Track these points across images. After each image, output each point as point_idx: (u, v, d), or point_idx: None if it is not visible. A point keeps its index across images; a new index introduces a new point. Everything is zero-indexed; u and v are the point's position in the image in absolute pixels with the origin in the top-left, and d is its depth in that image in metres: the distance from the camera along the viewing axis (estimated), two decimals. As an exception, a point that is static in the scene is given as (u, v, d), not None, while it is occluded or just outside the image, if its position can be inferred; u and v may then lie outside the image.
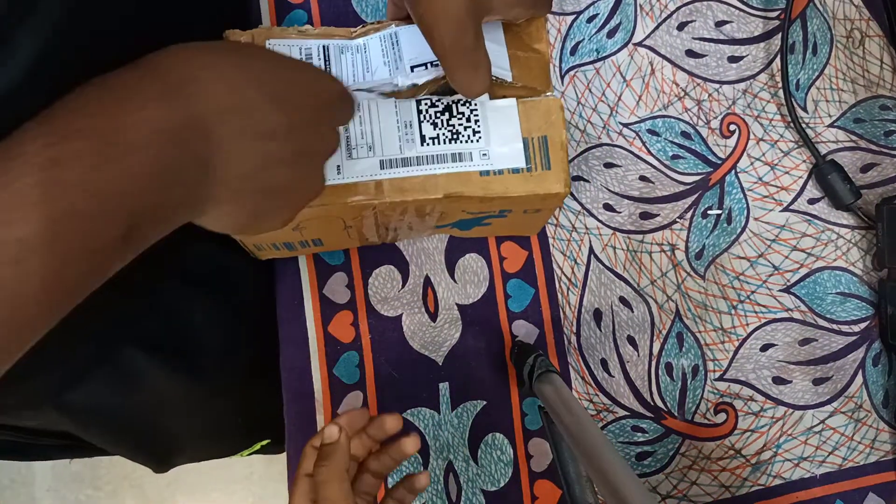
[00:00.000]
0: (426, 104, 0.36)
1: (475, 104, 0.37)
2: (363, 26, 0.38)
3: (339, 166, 0.35)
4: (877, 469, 0.47)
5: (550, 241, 0.48)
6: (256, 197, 0.27)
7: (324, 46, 0.38)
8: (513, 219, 0.42)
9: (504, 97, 0.37)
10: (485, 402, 0.46)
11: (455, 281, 0.47)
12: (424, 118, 0.36)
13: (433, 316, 0.46)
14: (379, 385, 0.45)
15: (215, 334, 0.48)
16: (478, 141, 0.36)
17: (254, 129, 0.25)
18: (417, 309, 0.46)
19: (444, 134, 0.36)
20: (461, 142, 0.36)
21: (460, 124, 0.36)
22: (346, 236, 0.42)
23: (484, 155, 0.37)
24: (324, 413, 0.44)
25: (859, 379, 0.48)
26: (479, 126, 0.37)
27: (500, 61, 0.37)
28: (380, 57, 0.38)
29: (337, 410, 0.45)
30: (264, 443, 0.63)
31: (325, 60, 0.37)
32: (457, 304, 0.46)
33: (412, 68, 0.36)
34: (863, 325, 0.49)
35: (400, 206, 0.37)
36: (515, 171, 0.37)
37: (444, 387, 0.46)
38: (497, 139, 0.37)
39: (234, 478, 1.13)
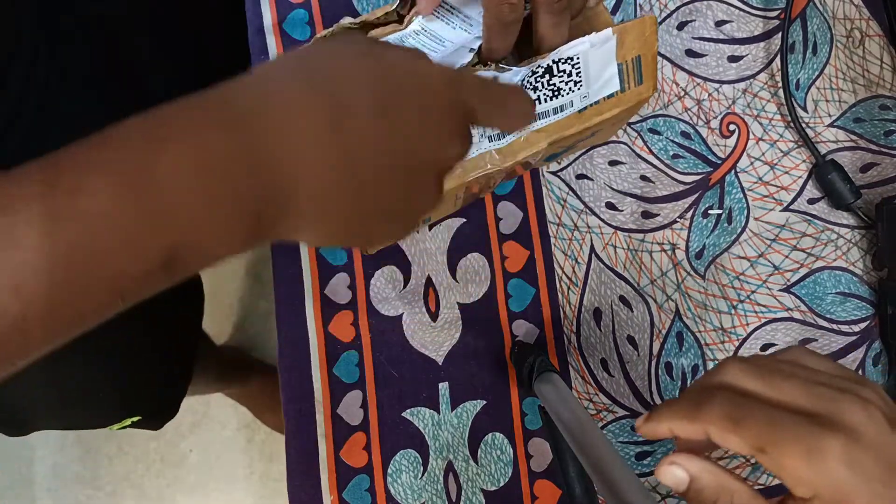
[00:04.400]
0: (528, 78, 0.36)
1: (577, 58, 0.36)
2: (397, 5, 0.38)
3: None
4: (877, 469, 0.47)
5: (552, 240, 0.48)
6: (351, 221, 0.25)
7: None
8: (600, 135, 0.43)
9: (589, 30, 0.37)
10: (485, 402, 0.46)
11: (456, 280, 0.47)
12: (525, 87, 0.36)
13: (434, 315, 0.46)
14: (378, 384, 0.45)
15: None
16: (579, 89, 0.37)
17: (338, 151, 0.23)
18: (418, 308, 0.46)
19: (544, 94, 0.36)
20: (562, 96, 0.37)
21: (562, 81, 0.36)
22: (453, 206, 0.44)
23: (584, 97, 0.37)
24: (324, 413, 0.44)
25: (859, 379, 0.48)
26: (580, 76, 0.37)
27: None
28: (445, 27, 0.37)
29: (336, 410, 0.45)
30: (135, 419, 0.62)
31: None
32: (458, 304, 0.46)
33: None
34: (863, 325, 0.49)
35: (509, 168, 0.38)
36: (610, 95, 0.38)
37: (443, 386, 0.46)
38: (596, 78, 0.37)
39: (234, 478, 1.13)
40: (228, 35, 0.65)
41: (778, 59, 0.51)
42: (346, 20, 0.38)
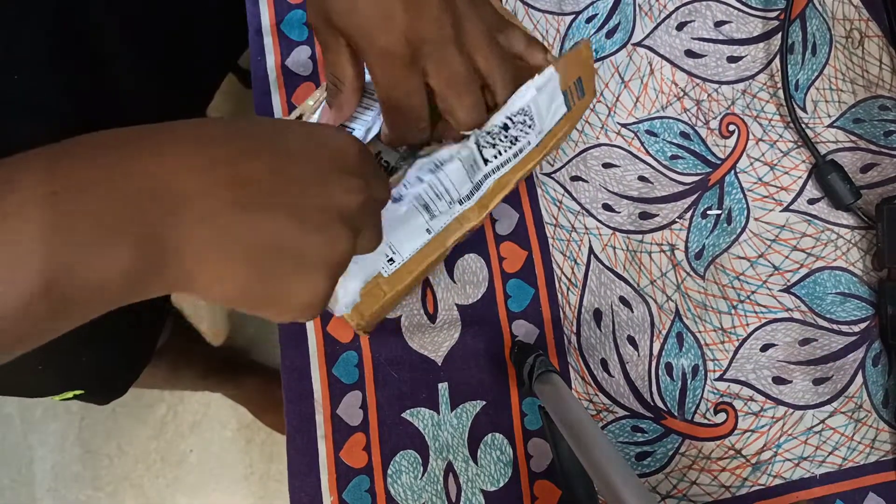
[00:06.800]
0: (483, 138, 0.36)
1: (529, 107, 0.36)
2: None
3: (427, 229, 0.37)
4: (877, 469, 0.47)
5: (550, 241, 0.48)
6: (252, 259, 0.24)
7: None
8: (553, 146, 0.44)
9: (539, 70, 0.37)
10: (484, 402, 0.46)
11: (454, 281, 0.47)
12: (483, 147, 0.36)
13: (432, 317, 0.46)
14: (378, 385, 0.45)
15: None
16: (533, 129, 0.38)
17: (225, 180, 0.23)
18: (416, 310, 0.46)
19: (504, 146, 0.37)
20: (520, 141, 0.37)
21: (519, 130, 0.37)
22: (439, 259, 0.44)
23: (539, 133, 0.38)
24: (323, 413, 0.45)
25: (859, 379, 0.48)
26: (533, 120, 0.37)
27: None
28: (366, 111, 0.39)
29: (336, 411, 0.45)
30: (77, 392, 0.61)
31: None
32: (456, 305, 0.47)
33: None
34: (863, 325, 0.49)
35: (486, 218, 0.40)
36: (560, 119, 0.39)
37: (443, 387, 0.46)
38: (546, 113, 0.38)
39: (234, 478, 1.13)
40: (201, 26, 0.64)
41: (777, 60, 0.51)
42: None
